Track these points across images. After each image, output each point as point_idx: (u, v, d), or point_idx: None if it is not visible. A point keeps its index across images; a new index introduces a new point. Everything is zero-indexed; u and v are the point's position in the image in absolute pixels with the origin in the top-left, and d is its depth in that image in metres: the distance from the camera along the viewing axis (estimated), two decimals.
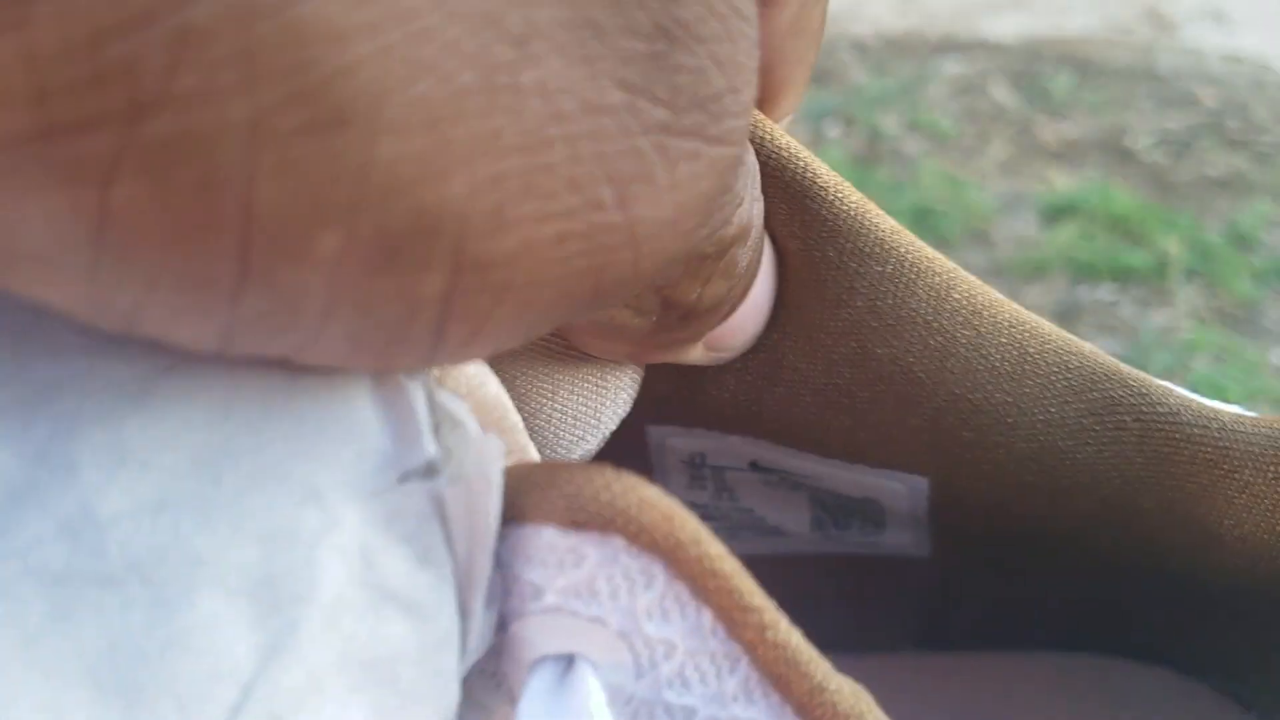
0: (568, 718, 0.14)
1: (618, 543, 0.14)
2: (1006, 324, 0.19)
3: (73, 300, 0.10)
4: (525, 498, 0.14)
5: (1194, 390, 0.20)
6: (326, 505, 0.12)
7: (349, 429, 0.12)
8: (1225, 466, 0.19)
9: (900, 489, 0.22)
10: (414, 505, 0.13)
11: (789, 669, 0.14)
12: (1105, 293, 1.13)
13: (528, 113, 0.11)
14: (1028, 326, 0.19)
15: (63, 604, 0.10)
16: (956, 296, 0.19)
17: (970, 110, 1.45)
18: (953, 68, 1.53)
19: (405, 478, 0.13)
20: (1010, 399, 0.20)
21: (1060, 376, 0.20)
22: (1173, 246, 1.17)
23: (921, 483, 0.22)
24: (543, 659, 0.15)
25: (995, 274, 1.15)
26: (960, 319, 0.19)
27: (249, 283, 0.10)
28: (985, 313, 0.19)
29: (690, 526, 0.14)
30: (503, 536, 0.14)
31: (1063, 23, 1.67)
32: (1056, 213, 1.25)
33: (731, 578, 0.14)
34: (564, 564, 0.14)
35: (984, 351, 0.19)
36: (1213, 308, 1.10)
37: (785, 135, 0.19)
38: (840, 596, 0.27)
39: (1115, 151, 1.37)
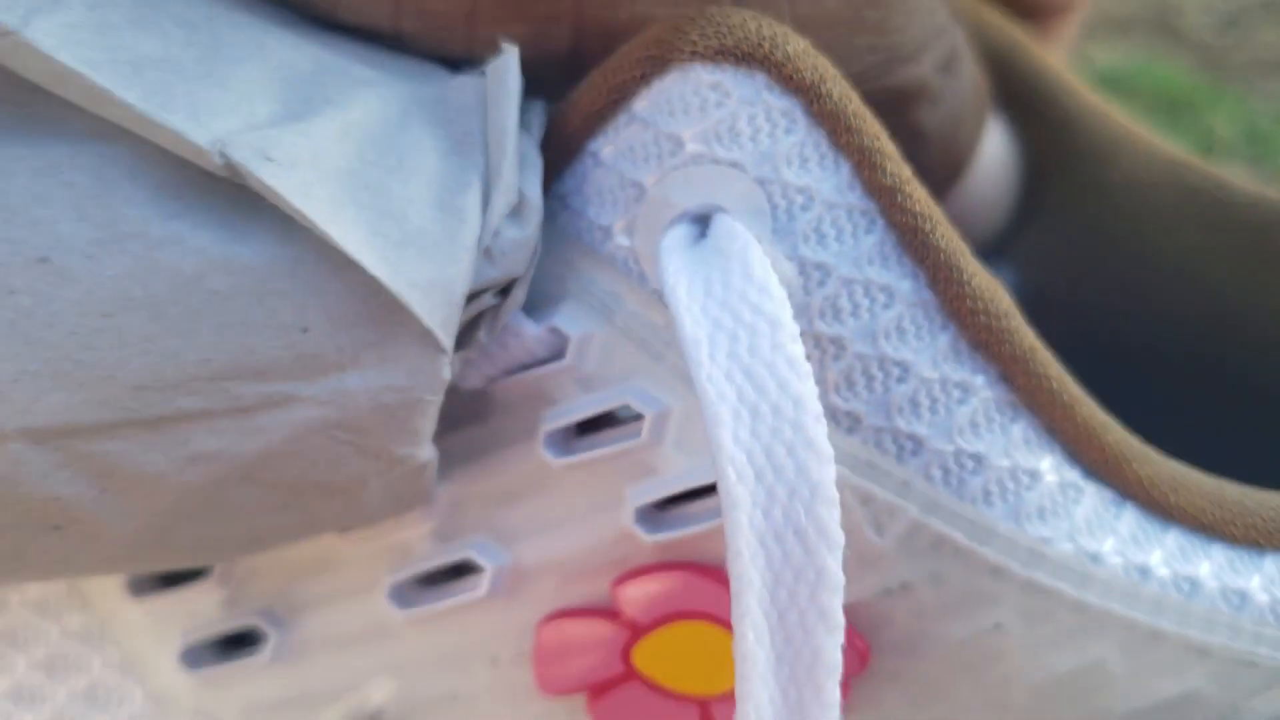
0: (714, 261, 0.13)
1: (761, 79, 0.13)
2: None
3: None
4: (674, 40, 0.13)
5: None
6: (386, 80, 0.14)
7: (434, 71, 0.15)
8: None
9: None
10: (459, 97, 0.14)
11: (921, 236, 0.13)
12: None
13: None
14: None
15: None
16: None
17: None
18: None
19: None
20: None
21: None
22: (1220, 125, 1.15)
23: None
24: (681, 216, 0.14)
25: None
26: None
27: None
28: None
29: (834, 72, 0.14)
30: (644, 93, 0.14)
31: None
32: (1103, 87, 1.22)
33: (871, 131, 0.13)
34: (706, 104, 0.13)
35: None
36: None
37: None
38: None
39: (1162, 28, 1.34)
